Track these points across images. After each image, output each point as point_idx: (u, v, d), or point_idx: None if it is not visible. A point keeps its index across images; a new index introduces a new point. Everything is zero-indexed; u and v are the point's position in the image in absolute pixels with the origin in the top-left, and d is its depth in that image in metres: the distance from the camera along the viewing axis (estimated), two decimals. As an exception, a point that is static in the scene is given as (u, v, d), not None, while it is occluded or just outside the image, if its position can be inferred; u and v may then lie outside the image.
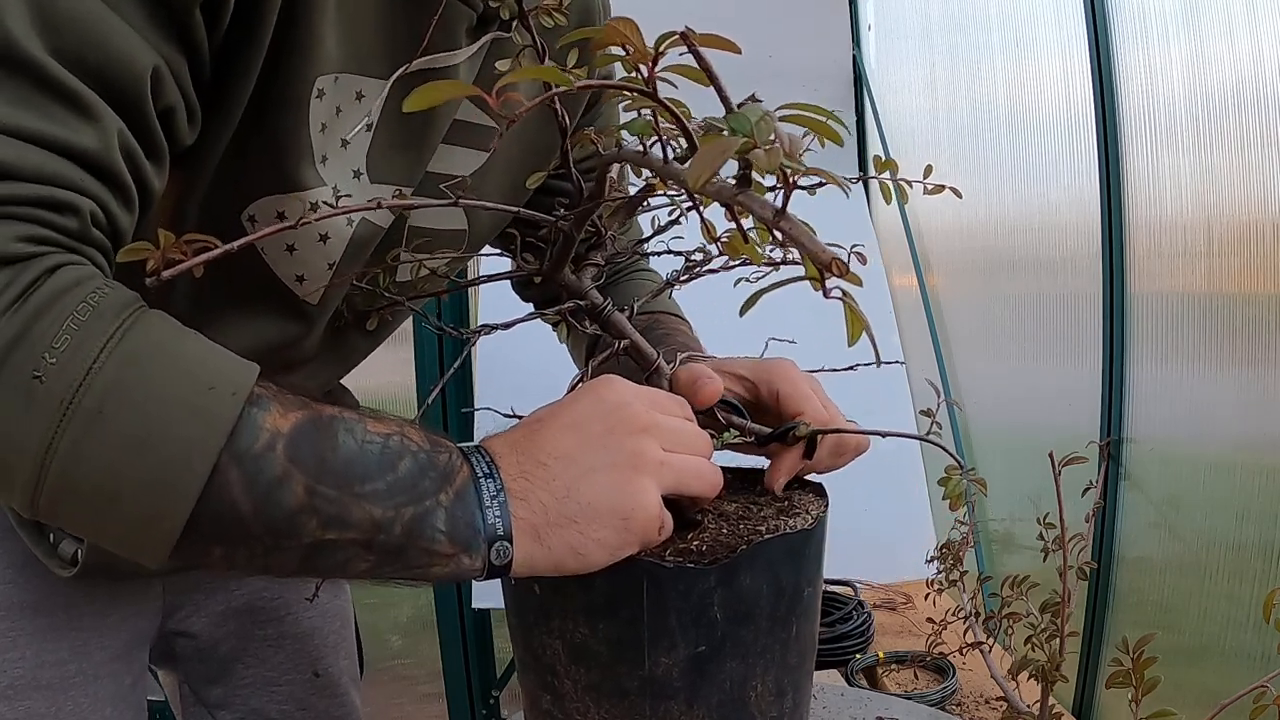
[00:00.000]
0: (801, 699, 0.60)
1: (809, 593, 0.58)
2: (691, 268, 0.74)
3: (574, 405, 0.54)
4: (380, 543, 0.47)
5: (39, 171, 0.45)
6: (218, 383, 0.45)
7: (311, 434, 0.47)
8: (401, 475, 0.48)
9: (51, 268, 0.44)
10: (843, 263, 0.38)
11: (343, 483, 0.47)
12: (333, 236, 0.66)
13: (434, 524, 0.48)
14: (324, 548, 0.47)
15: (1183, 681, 1.18)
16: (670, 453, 0.54)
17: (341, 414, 0.49)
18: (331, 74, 0.60)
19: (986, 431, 1.83)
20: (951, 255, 1.98)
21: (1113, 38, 1.38)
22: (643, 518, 0.52)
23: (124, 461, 0.44)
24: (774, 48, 2.01)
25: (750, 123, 0.37)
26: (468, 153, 0.74)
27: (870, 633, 1.40)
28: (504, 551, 0.49)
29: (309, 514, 0.46)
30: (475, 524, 0.49)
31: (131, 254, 0.47)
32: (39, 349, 0.43)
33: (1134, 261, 1.37)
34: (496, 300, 1.08)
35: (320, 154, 0.62)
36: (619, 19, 0.41)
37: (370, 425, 0.49)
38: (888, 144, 2.09)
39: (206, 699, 0.93)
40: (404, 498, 0.48)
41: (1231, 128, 1.16)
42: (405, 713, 2.07)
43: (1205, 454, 1.24)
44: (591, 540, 0.50)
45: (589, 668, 0.55)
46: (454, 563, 0.49)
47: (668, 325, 0.86)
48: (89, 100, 0.46)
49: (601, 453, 0.52)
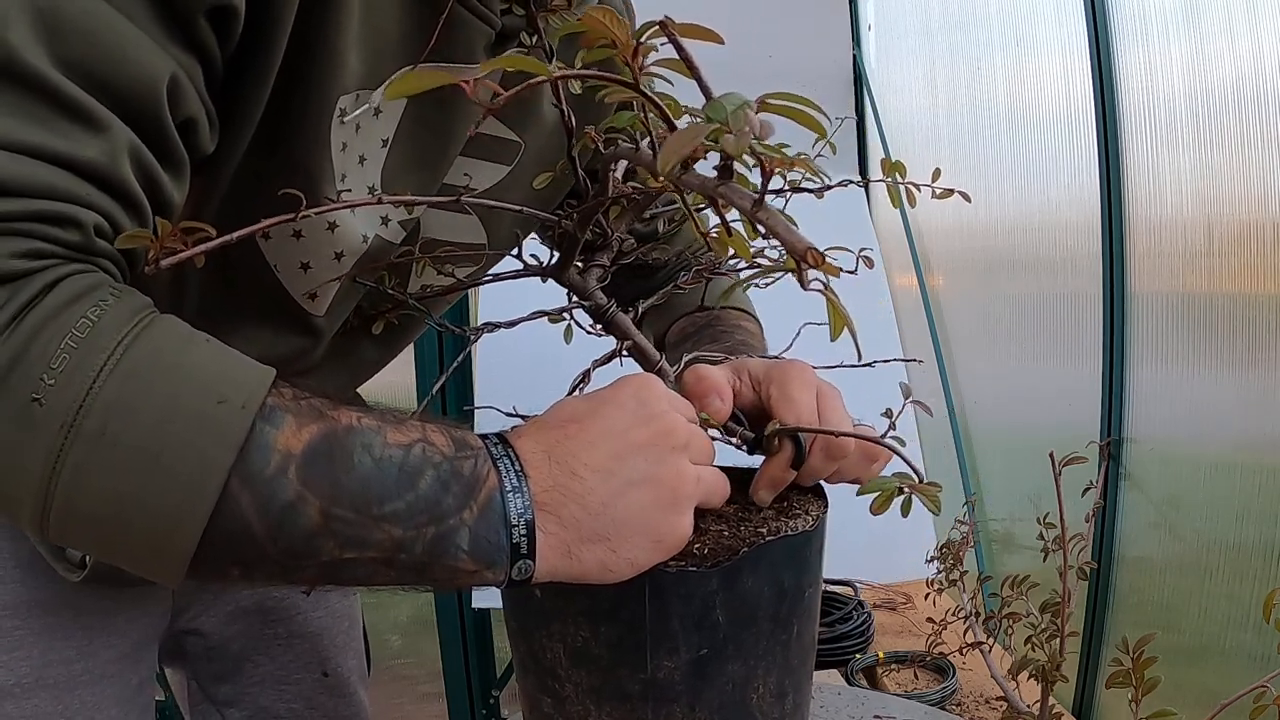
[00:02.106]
0: (802, 700, 0.60)
1: (810, 594, 0.58)
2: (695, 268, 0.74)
3: (613, 408, 0.52)
4: (402, 561, 0.46)
5: (37, 186, 0.43)
6: (228, 394, 0.44)
7: (326, 454, 0.45)
8: (423, 493, 0.46)
9: (51, 282, 0.43)
10: (818, 253, 0.37)
11: (360, 505, 0.45)
12: (347, 254, 0.65)
13: (457, 543, 0.47)
14: (345, 565, 0.46)
15: (1183, 681, 1.18)
16: (700, 467, 0.53)
17: (360, 423, 0.47)
18: (353, 92, 0.59)
19: (986, 431, 1.83)
20: (951, 255, 1.98)
21: (1113, 36, 1.38)
22: (675, 540, 0.51)
23: (130, 484, 0.42)
24: (774, 48, 2.01)
25: (726, 111, 0.37)
26: (488, 166, 0.74)
27: (870, 633, 1.40)
28: (526, 569, 0.48)
29: (326, 536, 0.45)
30: (500, 542, 0.48)
31: (130, 241, 0.46)
32: (37, 370, 0.41)
33: (1134, 261, 1.37)
34: (497, 299, 1.08)
35: (340, 173, 0.62)
36: (598, 8, 0.40)
37: (390, 435, 0.47)
38: (888, 144, 2.09)
39: (215, 696, 0.93)
40: (424, 517, 0.46)
41: (1232, 126, 1.15)
42: (405, 713, 2.07)
43: (1205, 454, 1.24)
44: (623, 559, 0.50)
45: (590, 671, 0.55)
46: (477, 577, 0.48)
47: (726, 323, 0.85)
48: (94, 111, 0.45)
49: (641, 466, 0.50)
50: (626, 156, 0.52)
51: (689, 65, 0.40)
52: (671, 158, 0.36)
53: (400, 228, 0.69)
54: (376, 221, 0.67)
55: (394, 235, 0.69)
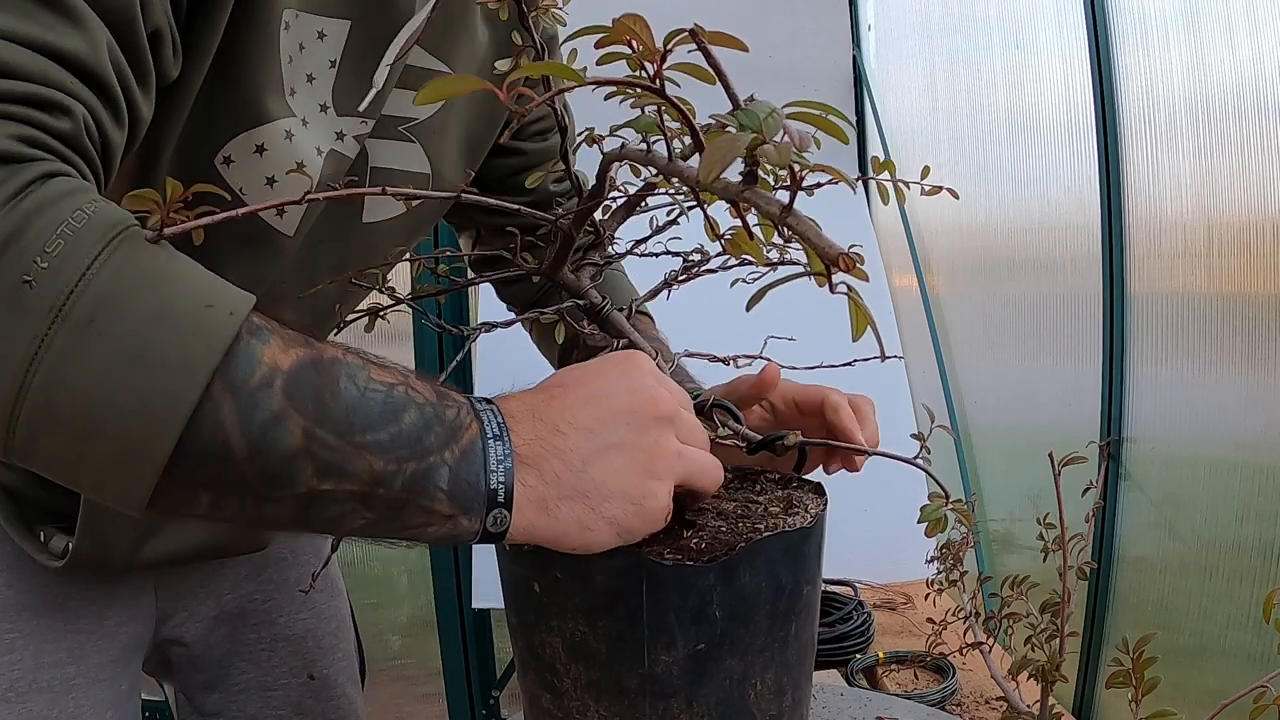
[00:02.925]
0: (801, 697, 0.60)
1: (808, 591, 0.58)
2: (690, 267, 0.74)
3: (600, 376, 0.53)
4: (379, 497, 0.45)
5: (32, 71, 0.43)
6: (216, 301, 0.43)
7: (312, 374, 0.44)
8: (405, 428, 0.46)
9: (46, 174, 0.42)
10: (850, 258, 0.38)
11: (344, 429, 0.44)
12: (307, 164, 0.65)
13: (436, 481, 0.46)
14: (319, 499, 0.44)
15: (1183, 681, 1.18)
16: (685, 444, 0.53)
17: (344, 356, 0.46)
18: (293, 10, 0.60)
19: (986, 431, 1.83)
20: (951, 255, 1.98)
21: (1113, 40, 1.38)
22: (654, 505, 0.51)
23: (111, 379, 0.40)
24: (774, 48, 2.01)
25: (759, 119, 0.37)
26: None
27: (870, 633, 1.40)
28: (501, 519, 0.48)
29: (305, 459, 0.43)
30: (478, 485, 0.47)
31: (136, 201, 0.45)
32: (31, 252, 0.40)
33: (1134, 262, 1.37)
34: (496, 299, 1.08)
35: (289, 86, 0.63)
36: (628, 15, 0.41)
37: (374, 373, 0.47)
38: (888, 144, 2.09)
39: (203, 707, 0.92)
40: (406, 451, 0.45)
41: (1231, 130, 1.16)
42: (405, 713, 2.08)
43: (1205, 454, 1.24)
44: (602, 518, 0.49)
45: (588, 666, 0.55)
46: (452, 524, 0.47)
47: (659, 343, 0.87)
48: (74, 5, 0.45)
49: (623, 430, 0.50)
50: (637, 159, 0.52)
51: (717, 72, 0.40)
52: (715, 168, 0.37)
53: (355, 142, 0.70)
54: (332, 137, 0.68)
55: (350, 150, 0.70)
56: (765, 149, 0.36)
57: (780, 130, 0.37)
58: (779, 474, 0.68)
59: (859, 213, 2.00)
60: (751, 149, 0.37)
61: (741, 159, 0.38)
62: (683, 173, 0.48)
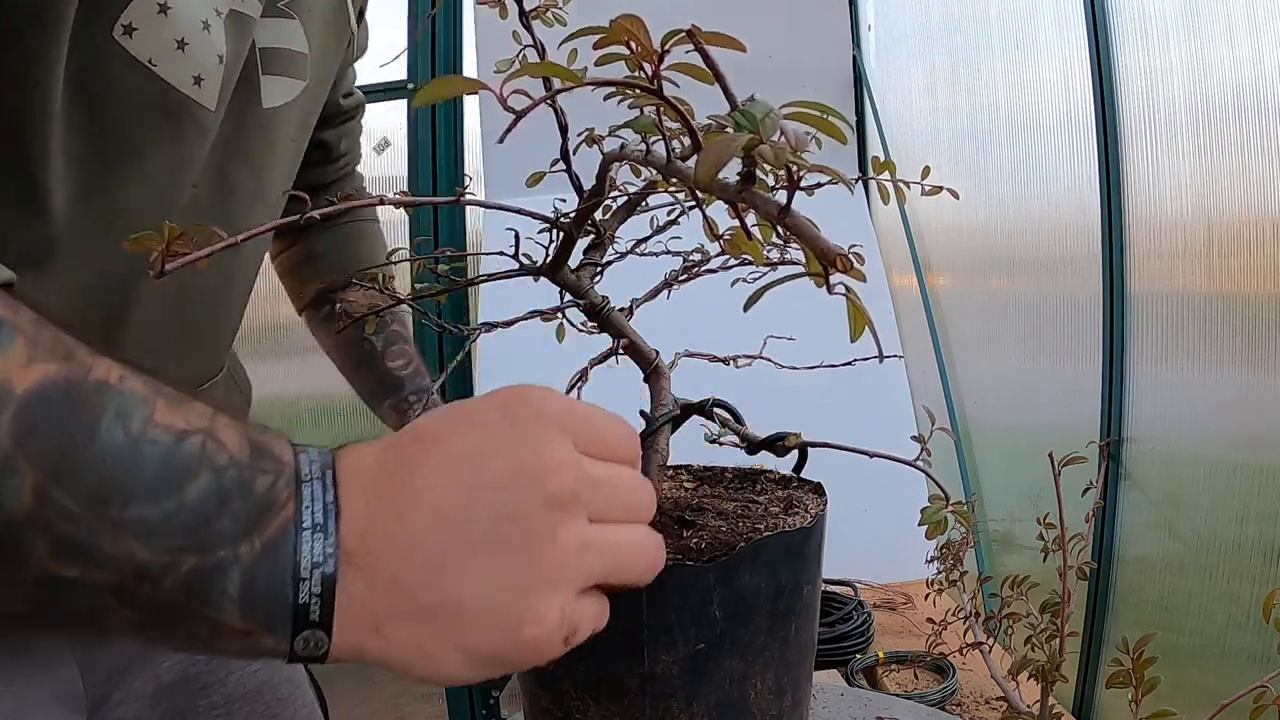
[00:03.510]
0: (801, 697, 0.60)
1: (808, 591, 0.58)
2: (690, 267, 0.74)
3: (470, 428, 0.38)
4: (142, 596, 0.33)
5: None
6: None
7: (61, 405, 0.31)
8: (189, 502, 0.33)
9: None
10: (848, 258, 0.38)
11: (95, 494, 0.31)
12: (210, 24, 0.61)
13: (223, 587, 0.33)
14: (60, 587, 0.32)
15: (1183, 681, 1.18)
16: (602, 525, 0.38)
17: (121, 382, 0.33)
18: None
19: (986, 431, 1.83)
20: (951, 255, 1.98)
21: (1113, 40, 1.38)
22: (536, 633, 0.36)
23: None
24: (774, 48, 2.01)
25: (756, 119, 0.37)
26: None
27: (870, 633, 1.40)
28: (315, 642, 0.35)
29: (36, 531, 0.31)
30: (283, 597, 0.34)
31: (138, 244, 0.44)
32: None
33: (1134, 262, 1.37)
34: (496, 299, 1.08)
35: None
36: (626, 16, 0.41)
37: (161, 412, 0.34)
38: (888, 144, 2.09)
39: None
40: (183, 539, 0.33)
41: (1231, 130, 1.16)
42: (405, 713, 2.07)
43: (1205, 454, 1.24)
44: (451, 646, 0.36)
45: (587, 665, 0.55)
46: (249, 641, 0.34)
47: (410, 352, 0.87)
48: None
49: (496, 520, 0.36)
50: (636, 159, 0.52)
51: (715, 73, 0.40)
52: (712, 168, 0.37)
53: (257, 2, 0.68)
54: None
55: (252, 10, 0.67)
56: (762, 149, 0.37)
57: (777, 131, 0.37)
58: (779, 474, 0.68)
59: (859, 213, 2.00)
60: (748, 149, 0.37)
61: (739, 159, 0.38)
62: (682, 173, 0.48)
